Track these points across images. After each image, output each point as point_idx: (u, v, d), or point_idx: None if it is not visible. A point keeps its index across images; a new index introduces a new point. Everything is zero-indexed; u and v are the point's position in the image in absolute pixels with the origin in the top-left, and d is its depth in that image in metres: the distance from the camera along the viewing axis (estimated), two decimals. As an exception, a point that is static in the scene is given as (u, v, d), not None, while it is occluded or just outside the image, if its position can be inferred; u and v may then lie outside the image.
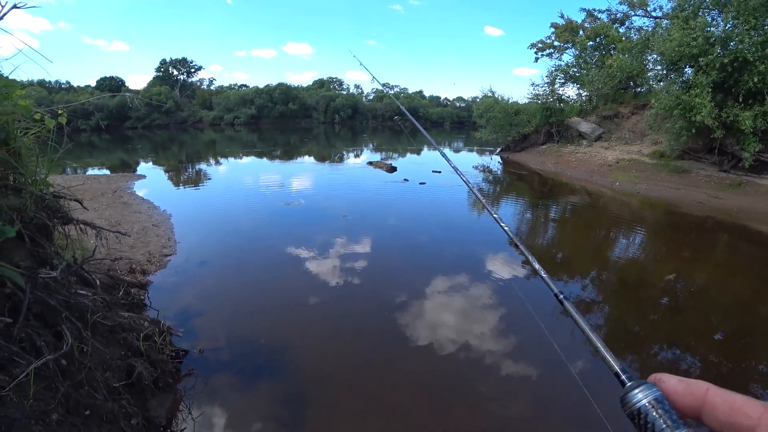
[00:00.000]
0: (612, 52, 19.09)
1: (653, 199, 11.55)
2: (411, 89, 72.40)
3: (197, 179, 14.42)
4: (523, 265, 6.31)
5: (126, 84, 54.10)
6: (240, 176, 15.77)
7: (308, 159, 20.73)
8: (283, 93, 54.87)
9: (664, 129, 13.37)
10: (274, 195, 11.04)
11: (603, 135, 17.83)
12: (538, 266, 0.88)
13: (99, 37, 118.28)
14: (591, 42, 20.56)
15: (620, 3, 19.14)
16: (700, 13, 12.27)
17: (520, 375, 3.70)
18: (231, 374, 3.50)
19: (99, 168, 16.77)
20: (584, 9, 21.82)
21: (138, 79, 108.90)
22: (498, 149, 23.11)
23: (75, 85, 52.42)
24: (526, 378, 3.67)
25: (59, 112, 2.56)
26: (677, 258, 7.23)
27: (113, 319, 3.02)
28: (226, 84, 63.79)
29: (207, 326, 4.20)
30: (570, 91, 20.93)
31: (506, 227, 1.21)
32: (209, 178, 14.57)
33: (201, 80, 60.01)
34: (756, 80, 10.62)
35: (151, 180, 13.27)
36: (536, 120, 19.93)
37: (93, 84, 51.72)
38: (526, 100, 21.21)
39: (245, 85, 62.70)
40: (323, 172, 16.49)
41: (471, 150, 27.23)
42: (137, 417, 2.58)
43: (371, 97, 69.29)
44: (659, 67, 14.34)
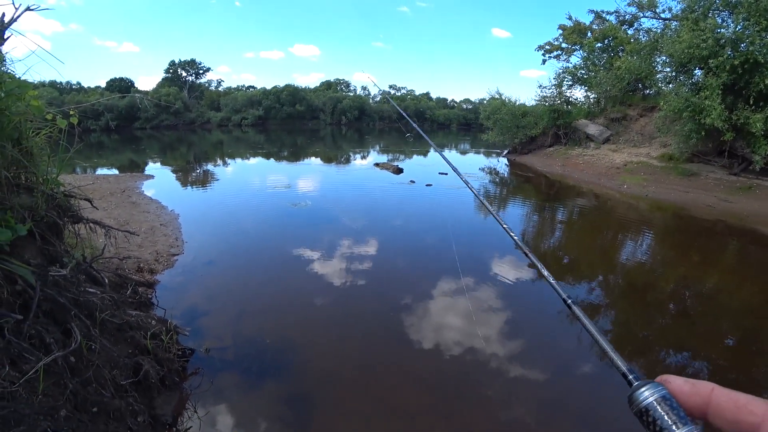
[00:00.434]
0: (620, 54, 18.95)
1: (662, 203, 11.44)
2: (418, 91, 72.47)
3: (205, 180, 14.53)
4: (529, 267, 6.28)
5: (135, 85, 54.61)
6: (247, 177, 15.85)
7: (315, 160, 20.79)
8: (291, 94, 55.10)
9: (673, 131, 13.25)
10: (281, 196, 11.09)
11: (611, 137, 17.70)
12: (547, 273, 0.89)
13: (109, 39, 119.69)
14: (599, 44, 20.44)
15: (629, 4, 19.02)
16: (710, 15, 12.15)
17: (526, 377, 3.67)
18: (237, 373, 3.51)
19: (108, 168, 16.96)
20: (592, 11, 21.76)
21: (147, 80, 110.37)
22: (505, 151, 23.03)
23: (86, 86, 53.06)
24: (532, 380, 3.65)
25: (71, 113, 2.60)
26: (686, 262, 7.15)
27: (121, 318, 3.05)
28: (234, 85, 64.23)
29: (213, 325, 4.23)
30: (578, 93, 20.87)
31: (515, 236, 1.22)
32: (217, 179, 14.66)
33: (209, 81, 60.47)
34: (767, 82, 10.49)
35: (160, 180, 13.38)
36: (543, 122, 19.84)
37: (103, 85, 52.29)
38: (534, 102, 21.17)
39: (253, 87, 63.08)
40: (330, 174, 16.54)
41: (478, 152, 27.14)
42: (144, 415, 2.60)
43: (378, 99, 69.39)
44: (668, 69, 14.24)
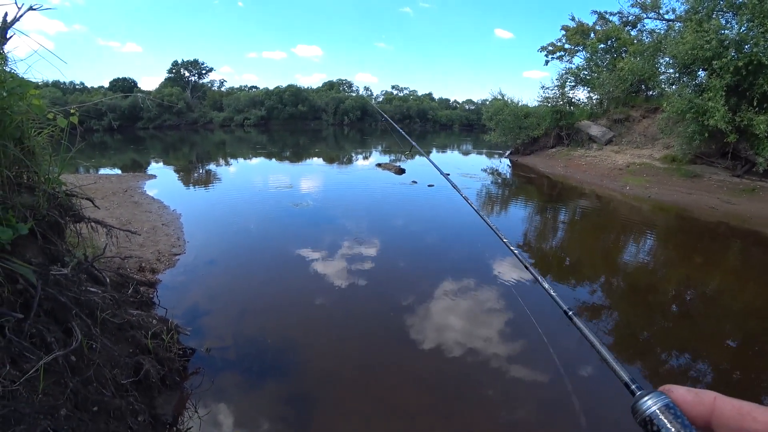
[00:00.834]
0: (623, 55, 18.91)
1: (664, 204, 11.40)
2: (420, 91, 72.47)
3: (207, 179, 14.55)
4: (532, 268, 6.26)
5: (138, 85, 54.75)
6: (249, 177, 15.88)
7: (317, 160, 20.81)
8: (293, 95, 55.18)
9: (676, 133, 13.19)
10: (283, 196, 11.09)
11: (613, 138, 17.66)
12: (547, 285, 0.91)
13: (113, 39, 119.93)
14: (602, 45, 20.40)
15: (632, 5, 18.94)
16: (714, 16, 12.10)
17: (526, 379, 3.66)
18: (237, 373, 3.51)
19: (111, 168, 17.01)
20: (595, 11, 21.68)
21: (150, 81, 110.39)
22: (507, 152, 22.99)
23: (89, 86, 53.29)
24: (533, 381, 3.64)
25: (71, 112, 2.61)
26: (688, 264, 7.12)
27: (122, 317, 3.05)
28: (237, 85, 64.32)
29: (214, 325, 4.23)
30: (580, 94, 20.81)
31: (514, 249, 1.24)
32: (219, 179, 14.69)
33: (212, 82, 60.55)
34: (771, 84, 10.45)
35: (162, 180, 13.42)
36: (546, 123, 19.80)
37: (106, 85, 52.44)
38: (536, 103, 21.12)
39: (255, 87, 63.18)
40: (332, 174, 16.54)
41: (480, 153, 27.11)
42: (144, 414, 2.60)
43: (380, 99, 69.41)
44: (671, 71, 14.21)
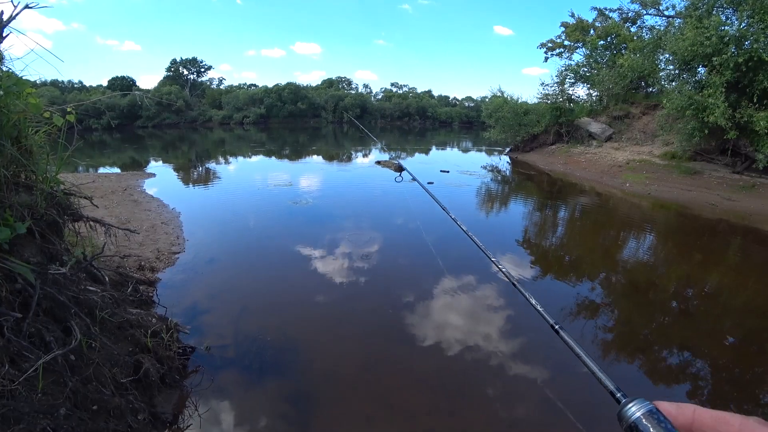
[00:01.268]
0: (623, 52, 18.88)
1: (664, 201, 11.39)
2: (420, 89, 72.37)
3: (206, 178, 14.55)
4: (531, 266, 6.27)
5: (137, 83, 54.70)
6: (248, 175, 15.86)
7: (316, 158, 20.79)
8: (292, 92, 55.11)
9: (676, 130, 13.18)
10: (282, 194, 11.09)
11: (613, 135, 17.64)
12: (534, 301, 0.98)
13: (111, 38, 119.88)
14: (602, 41, 20.35)
15: (632, 2, 18.94)
16: (714, 12, 12.06)
17: (528, 376, 3.66)
18: (237, 371, 3.51)
19: (110, 166, 16.99)
20: (595, 8, 21.64)
21: (149, 79, 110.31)
22: (507, 149, 22.98)
23: (87, 85, 53.25)
24: (534, 379, 3.64)
25: (68, 111, 2.60)
26: (688, 261, 7.12)
27: (121, 316, 3.05)
28: (236, 83, 64.24)
29: (214, 323, 4.23)
30: (580, 91, 20.77)
31: (502, 267, 1.32)
32: (218, 177, 14.67)
33: (211, 80, 60.50)
34: (771, 80, 10.42)
35: (161, 178, 13.40)
36: (545, 120, 19.78)
37: (105, 84, 52.41)
38: (536, 100, 21.09)
39: (254, 85, 63.16)
40: (331, 172, 16.53)
41: (480, 150, 27.10)
42: (144, 413, 2.60)
43: (380, 97, 69.31)
44: (671, 67, 14.15)
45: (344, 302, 4.92)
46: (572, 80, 20.40)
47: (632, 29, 20.05)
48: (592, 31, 21.59)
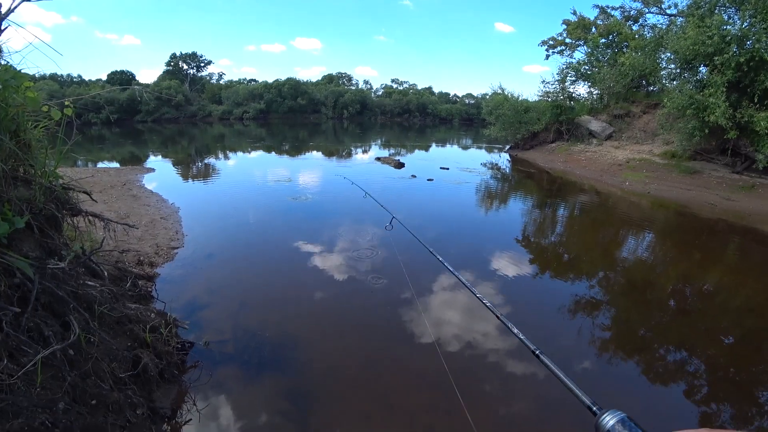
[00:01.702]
0: (625, 50, 18.83)
1: (663, 200, 11.40)
2: (420, 85, 72.18)
3: (206, 173, 14.52)
4: (530, 262, 6.27)
5: (136, 78, 54.47)
6: (248, 171, 15.82)
7: (316, 154, 20.75)
8: (292, 88, 54.89)
9: (676, 129, 13.17)
10: (282, 190, 11.07)
11: (613, 134, 17.63)
12: (516, 330, 1.13)
13: (111, 32, 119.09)
14: (603, 39, 20.31)
15: (634, 0, 18.87)
16: (716, 11, 12.04)
17: (528, 374, 3.67)
18: (236, 367, 3.52)
19: (109, 161, 16.95)
20: (597, 6, 21.60)
21: (148, 73, 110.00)
22: (507, 147, 22.97)
23: (86, 79, 53.01)
24: (534, 377, 3.65)
25: (66, 104, 2.58)
26: (687, 260, 7.13)
27: (120, 311, 3.05)
28: (236, 78, 64.05)
29: (213, 319, 4.23)
30: (581, 89, 20.75)
31: (486, 302, 1.44)
32: (218, 172, 14.64)
33: (210, 75, 60.26)
34: (772, 80, 10.41)
35: (161, 173, 13.38)
36: (546, 118, 19.76)
37: (104, 77, 52.17)
38: (536, 98, 21.07)
39: (254, 80, 62.90)
40: (331, 168, 16.50)
41: (480, 147, 27.07)
42: (143, 407, 2.60)
43: (380, 93, 69.13)
44: (673, 66, 14.13)
45: (343, 299, 4.92)
46: (573, 78, 20.37)
47: (634, 27, 20.02)
48: (594, 29, 21.52)
